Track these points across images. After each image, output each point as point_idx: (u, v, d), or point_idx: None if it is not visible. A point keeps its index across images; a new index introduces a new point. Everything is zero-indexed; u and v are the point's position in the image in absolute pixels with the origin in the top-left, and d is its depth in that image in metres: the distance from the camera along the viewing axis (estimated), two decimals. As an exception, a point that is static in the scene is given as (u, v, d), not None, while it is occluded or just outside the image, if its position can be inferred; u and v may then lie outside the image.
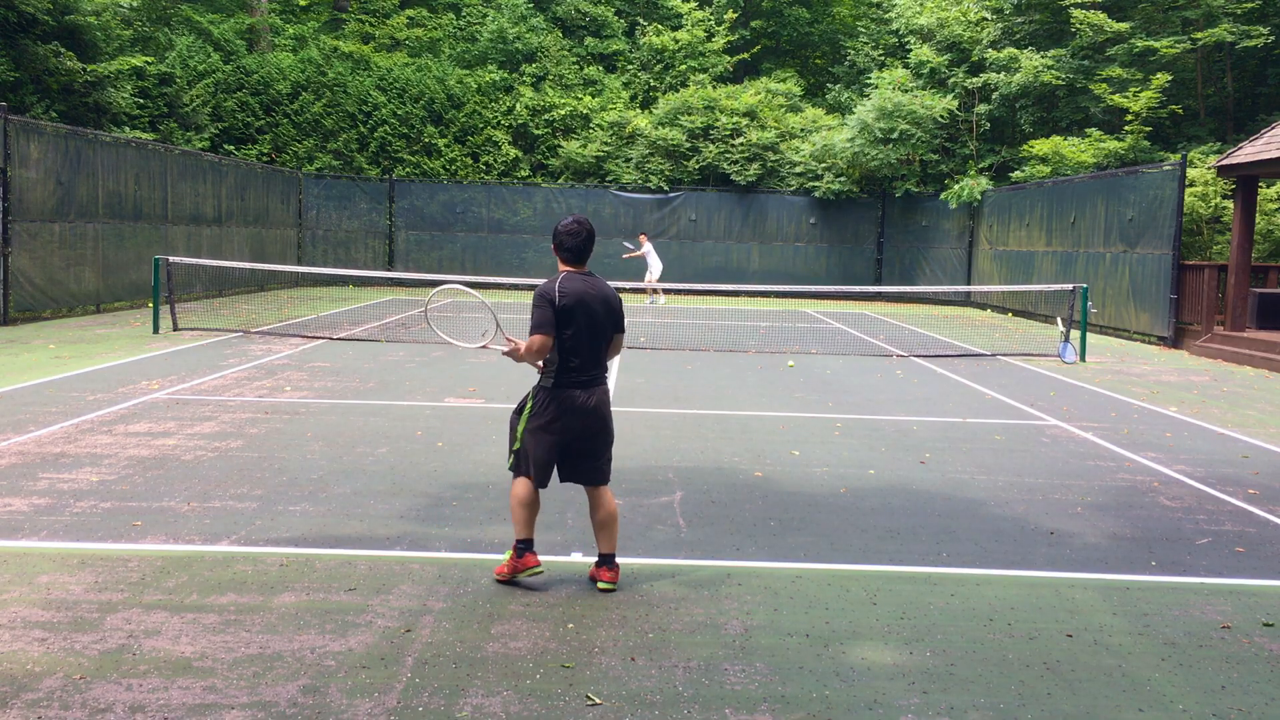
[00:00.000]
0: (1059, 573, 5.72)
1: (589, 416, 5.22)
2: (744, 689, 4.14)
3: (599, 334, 5.22)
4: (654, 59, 32.77)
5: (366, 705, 3.90)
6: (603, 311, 5.22)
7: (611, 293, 5.33)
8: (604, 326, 5.23)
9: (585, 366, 5.21)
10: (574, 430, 5.22)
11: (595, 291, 5.23)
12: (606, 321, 5.24)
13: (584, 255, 5.32)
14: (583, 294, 5.18)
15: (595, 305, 5.20)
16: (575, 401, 5.19)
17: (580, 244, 5.29)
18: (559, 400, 5.20)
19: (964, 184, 27.27)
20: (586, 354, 5.20)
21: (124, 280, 19.60)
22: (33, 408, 9.50)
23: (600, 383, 5.29)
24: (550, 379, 5.23)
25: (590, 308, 5.18)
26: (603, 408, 5.29)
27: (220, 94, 28.97)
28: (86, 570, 5.28)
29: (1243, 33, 23.36)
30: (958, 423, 10.16)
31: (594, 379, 5.25)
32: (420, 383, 11.68)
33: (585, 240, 5.29)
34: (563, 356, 5.19)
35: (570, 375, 5.20)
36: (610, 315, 5.27)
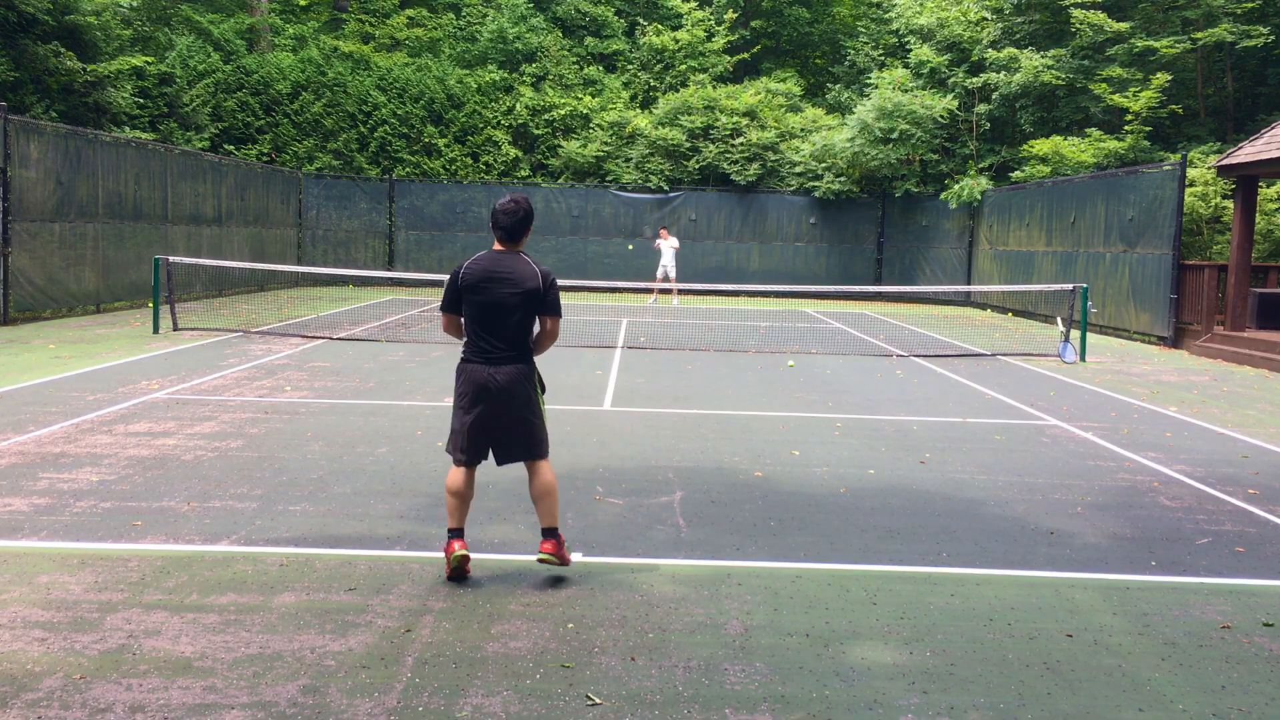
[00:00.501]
0: (1059, 573, 5.72)
1: (495, 394, 5.23)
2: (744, 689, 4.14)
3: (504, 311, 5.21)
4: (654, 59, 32.77)
5: (366, 705, 3.90)
6: (510, 293, 5.20)
7: (530, 273, 5.23)
8: (509, 305, 5.20)
9: (491, 343, 5.24)
10: (484, 407, 5.26)
11: (504, 269, 5.23)
12: (514, 300, 5.20)
13: (515, 234, 5.32)
14: (488, 270, 5.24)
15: (501, 283, 5.21)
16: (479, 377, 5.25)
17: (513, 223, 5.30)
18: (465, 374, 5.32)
19: (964, 184, 27.27)
20: (490, 330, 5.24)
21: (124, 280, 19.59)
22: (33, 408, 9.50)
23: (509, 361, 5.23)
24: (462, 353, 5.36)
25: (494, 285, 5.21)
26: (512, 385, 5.23)
27: (220, 94, 28.96)
28: (86, 570, 5.28)
29: (1243, 33, 23.37)
30: (958, 423, 10.16)
31: (500, 356, 5.23)
32: (420, 383, 11.68)
33: (520, 220, 5.30)
34: (468, 332, 5.32)
35: (474, 350, 5.30)
36: (521, 295, 5.20)
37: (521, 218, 5.31)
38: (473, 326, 5.29)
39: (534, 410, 5.34)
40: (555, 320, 5.37)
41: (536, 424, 5.36)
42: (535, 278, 5.25)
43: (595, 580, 5.35)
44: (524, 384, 5.28)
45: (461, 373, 5.33)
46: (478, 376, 5.26)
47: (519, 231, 5.33)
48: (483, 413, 5.27)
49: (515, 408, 5.28)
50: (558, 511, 5.37)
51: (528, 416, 5.32)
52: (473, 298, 5.25)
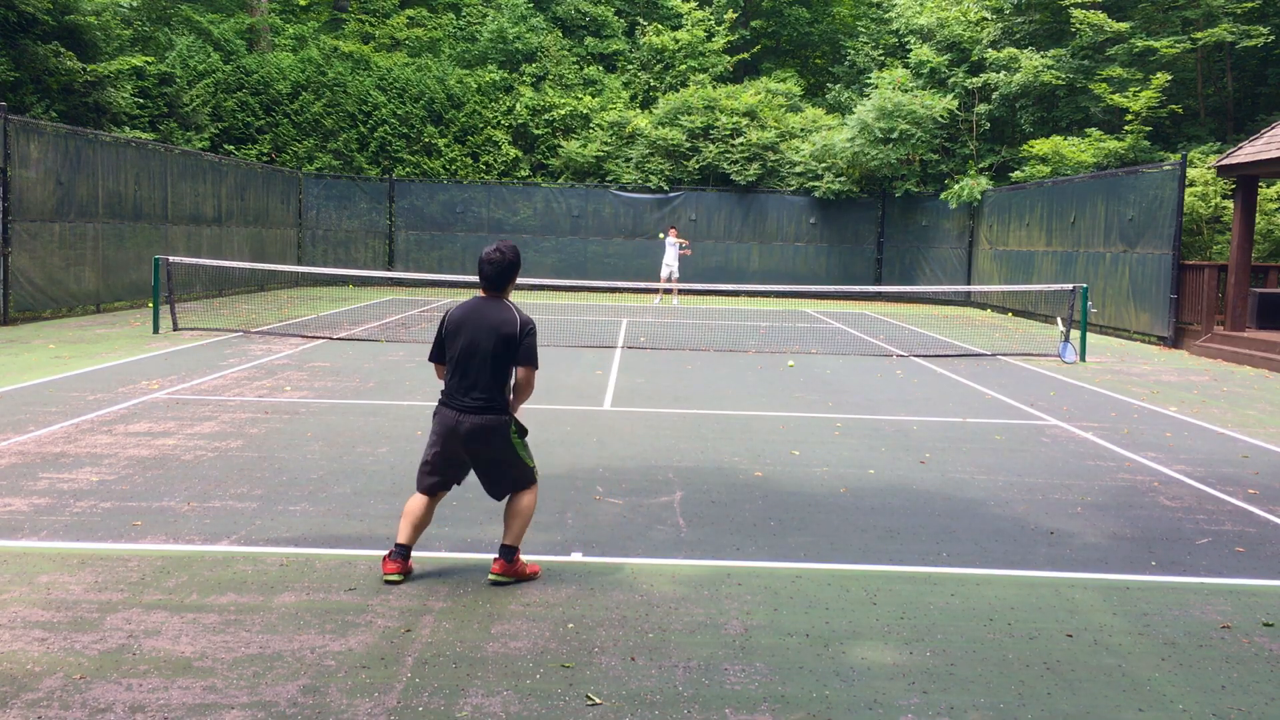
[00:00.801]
0: (1059, 573, 5.72)
1: (459, 441, 5.20)
2: (744, 689, 4.14)
3: (478, 360, 5.17)
4: (654, 59, 32.77)
5: (366, 705, 3.90)
6: (486, 339, 5.17)
7: (508, 321, 5.18)
8: (485, 354, 5.16)
9: (462, 389, 5.21)
10: (451, 450, 5.25)
11: (483, 318, 5.21)
12: (491, 349, 5.16)
13: (498, 283, 5.29)
14: (467, 319, 5.25)
15: (479, 332, 5.20)
16: (447, 422, 5.23)
17: (496, 272, 5.27)
18: (437, 415, 5.32)
19: (964, 184, 27.27)
20: (463, 378, 5.21)
21: (124, 280, 19.60)
22: (33, 408, 9.50)
23: (478, 411, 5.16)
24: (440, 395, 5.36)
25: (472, 334, 5.20)
26: (479, 435, 5.17)
27: (220, 94, 28.96)
28: (86, 570, 5.28)
29: (1243, 33, 23.36)
30: (958, 423, 10.16)
31: (470, 405, 5.18)
32: (420, 383, 11.67)
33: (503, 269, 5.27)
34: (447, 376, 5.32)
35: (447, 395, 5.28)
36: (498, 344, 5.16)
37: (505, 267, 5.27)
38: (450, 372, 5.28)
39: (509, 457, 5.27)
40: (529, 371, 5.26)
41: (514, 466, 5.30)
42: (513, 324, 5.19)
43: (595, 580, 5.35)
44: (496, 434, 5.21)
45: (435, 414, 5.34)
46: (446, 422, 5.23)
47: (502, 280, 5.29)
48: (453, 455, 5.27)
49: (487, 454, 5.25)
50: (522, 534, 5.32)
51: (498, 466, 5.29)
52: (453, 343, 5.26)
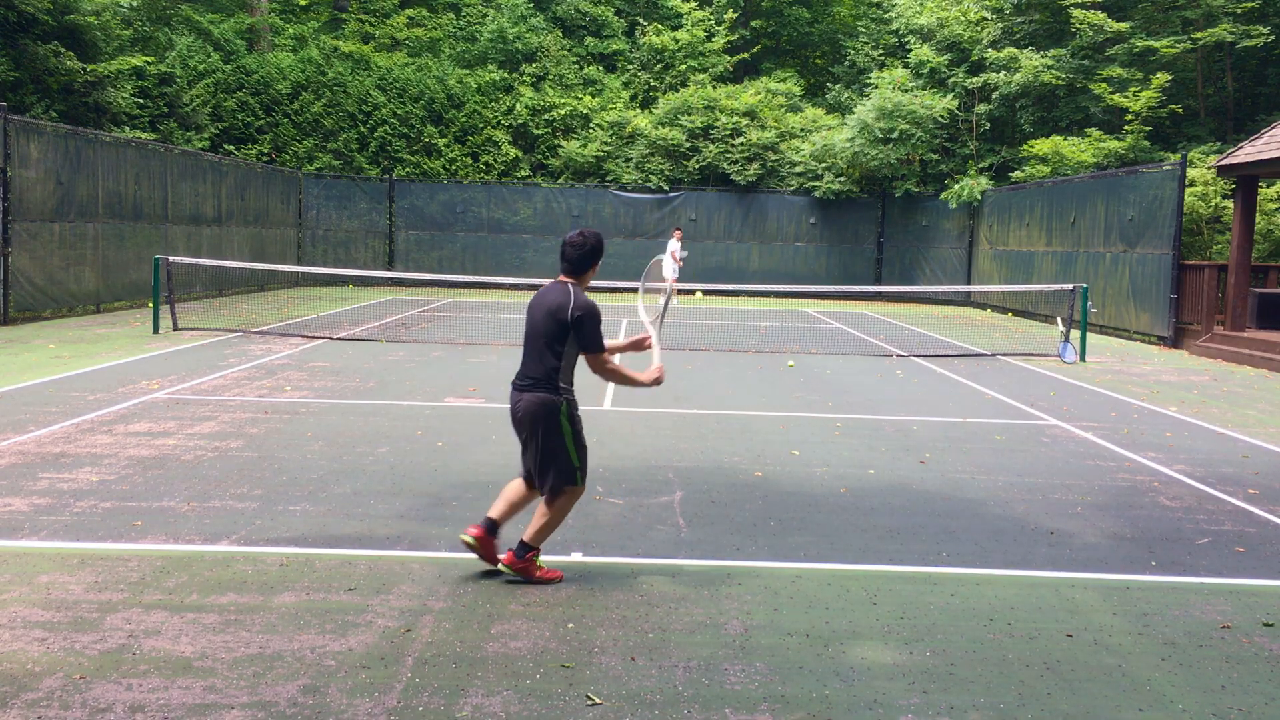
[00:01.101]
0: (1059, 573, 5.72)
1: (513, 418, 5.35)
2: (744, 689, 4.14)
3: (535, 340, 5.27)
4: (654, 59, 32.77)
5: (366, 705, 3.90)
6: (541, 319, 5.24)
7: (562, 305, 5.18)
8: (540, 334, 5.23)
9: (522, 370, 5.33)
10: (517, 429, 5.38)
11: (543, 300, 5.28)
12: (545, 329, 5.21)
13: (578, 268, 5.33)
14: (533, 301, 5.35)
15: (537, 313, 5.29)
16: (511, 402, 5.39)
17: (578, 255, 5.32)
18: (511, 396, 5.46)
19: (964, 184, 27.27)
20: (524, 357, 5.34)
21: (124, 280, 19.60)
22: (33, 408, 9.50)
23: (529, 389, 5.23)
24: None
25: (533, 315, 5.31)
26: (526, 415, 5.23)
27: (220, 94, 28.96)
28: (86, 570, 5.28)
29: (1243, 33, 23.36)
30: (958, 423, 10.16)
31: (526, 385, 5.27)
32: (420, 383, 11.68)
33: (585, 253, 5.31)
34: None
35: (516, 376, 5.39)
36: (551, 324, 5.19)
37: (586, 251, 5.32)
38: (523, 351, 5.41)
39: (556, 443, 5.23)
40: (592, 357, 5.27)
41: (559, 456, 5.23)
42: (565, 308, 5.17)
43: (595, 580, 5.35)
44: (546, 412, 5.22)
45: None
46: (511, 401, 5.39)
47: (580, 264, 5.33)
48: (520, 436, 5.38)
49: (531, 437, 5.28)
50: (544, 536, 5.30)
51: (539, 452, 5.26)
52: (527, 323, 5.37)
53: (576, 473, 5.29)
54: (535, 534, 5.28)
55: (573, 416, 5.31)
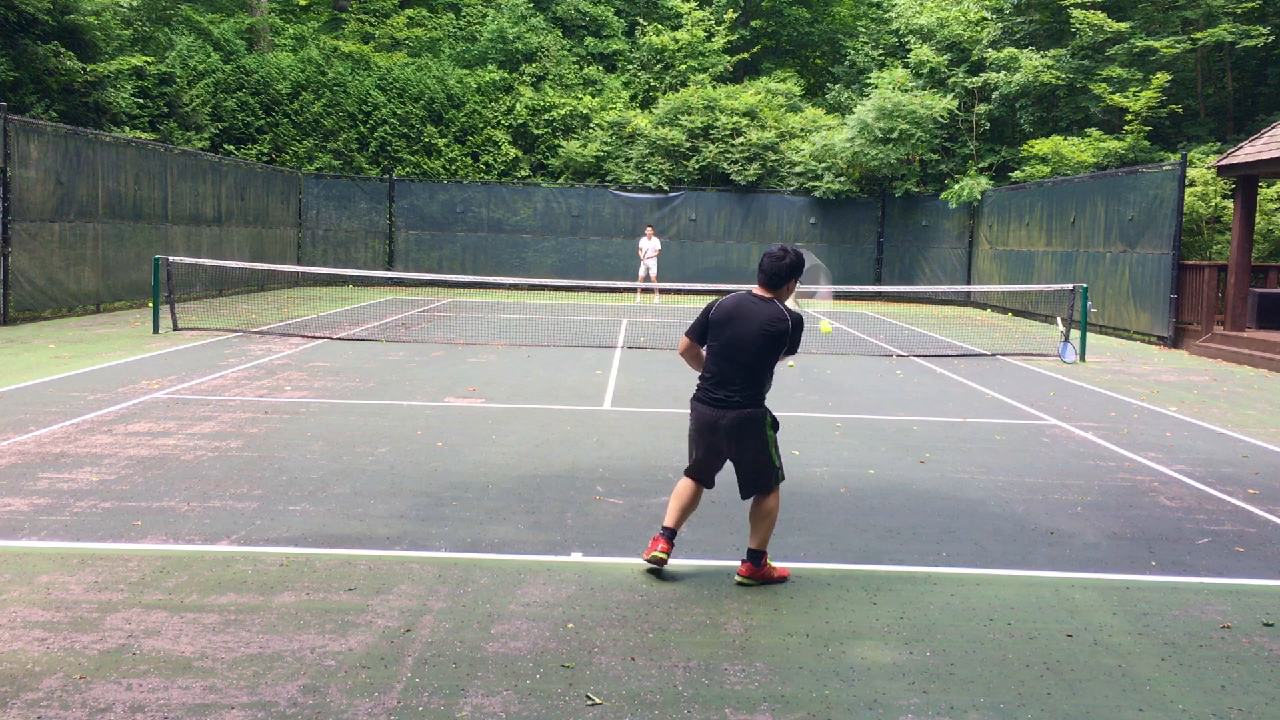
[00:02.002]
0: (1059, 573, 5.72)
1: (715, 435, 5.30)
2: (744, 689, 4.14)
3: (742, 356, 5.22)
4: (654, 59, 32.77)
5: (366, 705, 3.90)
6: (751, 335, 5.20)
7: (777, 319, 5.21)
8: (750, 350, 5.20)
9: (719, 384, 5.28)
10: (707, 443, 5.35)
11: (752, 313, 5.23)
12: (755, 346, 5.20)
13: (775, 281, 5.33)
14: (737, 310, 5.27)
15: (745, 327, 5.22)
16: (703, 417, 5.34)
17: (776, 268, 5.31)
18: (693, 410, 5.43)
19: (964, 184, 27.27)
20: (723, 372, 5.27)
21: (124, 280, 19.60)
22: (33, 408, 9.50)
23: (735, 406, 5.24)
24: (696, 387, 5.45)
25: (739, 328, 5.23)
26: (734, 431, 5.24)
27: (220, 94, 28.96)
28: (86, 570, 5.28)
29: (1243, 33, 23.36)
30: (958, 423, 10.16)
31: (726, 400, 5.25)
32: (420, 383, 11.68)
33: (786, 267, 5.31)
34: (708, 368, 5.38)
35: (703, 390, 5.37)
36: (761, 341, 5.19)
37: (787, 265, 5.31)
38: (710, 362, 5.35)
39: (763, 453, 5.32)
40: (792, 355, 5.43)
41: (766, 463, 5.33)
42: (782, 325, 5.22)
43: (595, 580, 5.35)
44: (754, 426, 5.28)
45: (692, 409, 5.44)
46: (701, 417, 5.35)
47: (777, 278, 5.33)
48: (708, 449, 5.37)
49: (741, 453, 5.31)
50: (768, 537, 5.36)
51: (752, 463, 5.32)
52: (719, 335, 5.30)
53: (779, 472, 5.41)
54: (763, 539, 5.34)
55: (774, 424, 5.39)
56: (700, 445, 5.41)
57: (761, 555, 5.33)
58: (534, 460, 7.98)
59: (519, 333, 17.46)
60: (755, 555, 5.33)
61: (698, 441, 5.41)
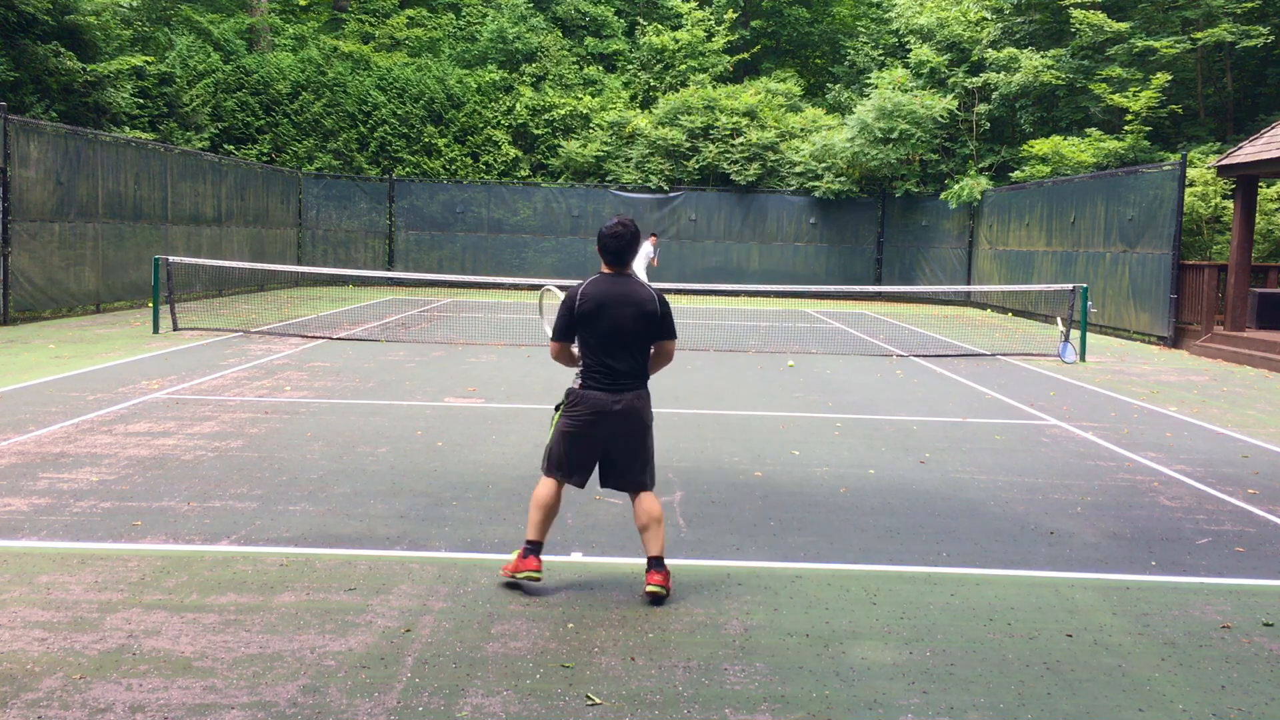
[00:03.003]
0: (1059, 573, 5.72)
1: (613, 420, 5.14)
2: (744, 689, 4.14)
3: (625, 337, 5.14)
4: (654, 59, 32.77)
5: (366, 705, 3.90)
6: (630, 315, 5.13)
7: (647, 296, 5.18)
8: (631, 330, 5.14)
9: (611, 370, 5.16)
10: (601, 435, 5.18)
11: (622, 293, 5.15)
12: (636, 325, 5.14)
13: (624, 258, 5.25)
14: (606, 298, 5.14)
15: (620, 308, 5.14)
16: (598, 404, 5.14)
17: (622, 246, 5.22)
18: (584, 401, 5.18)
19: (964, 184, 27.27)
20: (612, 357, 5.15)
21: (124, 280, 19.60)
22: (33, 408, 9.50)
23: (629, 389, 5.17)
24: (578, 380, 5.25)
25: (614, 310, 5.13)
26: (632, 414, 5.16)
27: (220, 94, 28.96)
28: (86, 570, 5.28)
29: (1243, 33, 23.36)
30: (958, 423, 10.16)
31: (621, 384, 5.16)
32: (420, 383, 11.68)
33: (628, 242, 5.23)
34: (587, 358, 5.22)
35: (594, 378, 5.18)
36: (641, 319, 5.15)
37: (628, 240, 5.23)
38: (591, 351, 5.20)
39: (647, 436, 5.27)
40: (672, 342, 5.32)
41: (646, 449, 5.28)
42: (654, 301, 5.20)
43: (595, 580, 5.35)
44: (641, 413, 5.21)
45: (581, 400, 5.17)
46: (597, 405, 5.14)
47: (626, 254, 5.25)
48: (599, 441, 5.20)
49: (633, 437, 5.22)
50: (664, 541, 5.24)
51: (641, 448, 5.25)
52: (594, 324, 5.16)
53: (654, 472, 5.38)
54: (661, 544, 5.17)
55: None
56: (584, 438, 5.18)
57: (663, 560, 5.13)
58: (534, 460, 7.97)
59: (519, 333, 17.46)
60: (660, 561, 5.12)
61: (583, 433, 5.17)
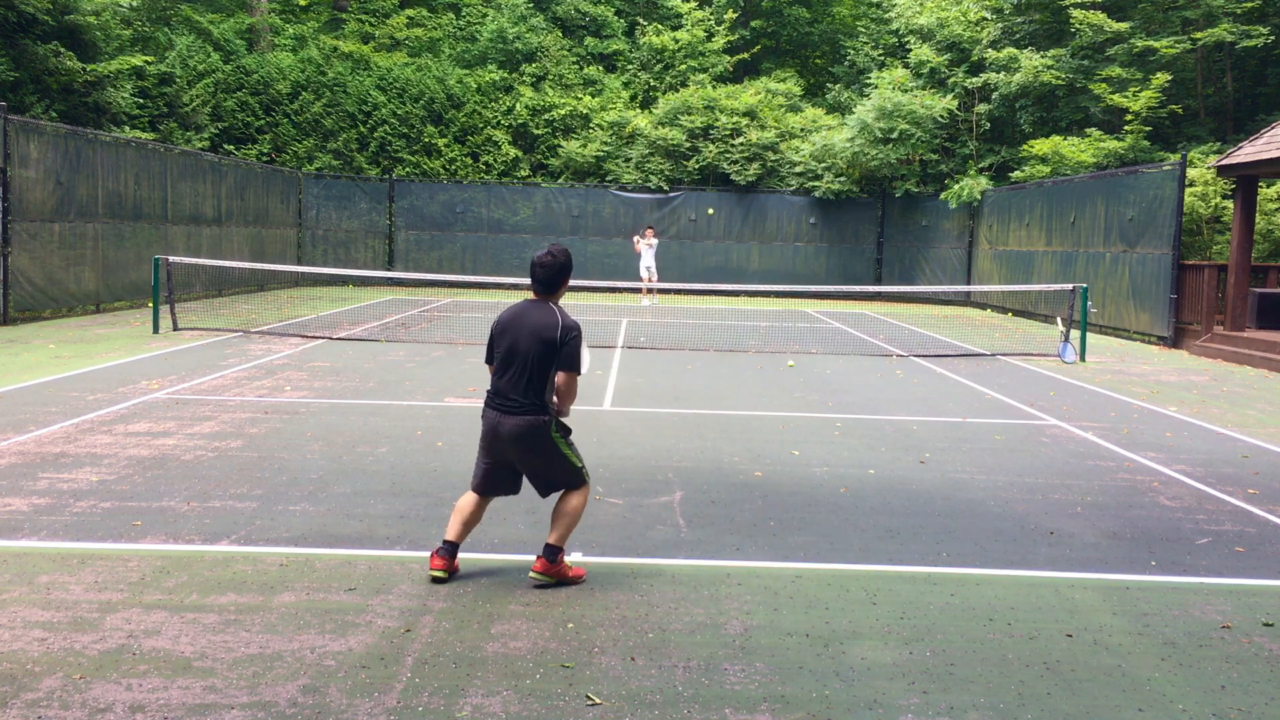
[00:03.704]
0: (1059, 573, 5.72)
1: (503, 443, 5.22)
2: (744, 689, 4.14)
3: (520, 363, 5.18)
4: (654, 59, 32.77)
5: (366, 705, 3.90)
6: (526, 343, 5.17)
7: (550, 325, 5.16)
8: (526, 356, 5.16)
9: (504, 391, 5.23)
10: (497, 451, 5.27)
11: (526, 322, 5.21)
12: (532, 352, 5.15)
13: (551, 287, 5.30)
14: (511, 322, 5.26)
15: (520, 334, 5.20)
16: (490, 423, 5.27)
17: (549, 275, 5.29)
18: (483, 417, 5.36)
19: (964, 184, 27.27)
20: (505, 380, 5.23)
21: (124, 280, 19.60)
22: (33, 408, 9.50)
23: (521, 412, 5.16)
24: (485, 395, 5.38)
25: (515, 336, 5.21)
26: (522, 438, 5.16)
27: (220, 94, 28.96)
28: (86, 570, 5.28)
29: (1243, 33, 23.36)
30: (958, 423, 10.16)
31: (512, 406, 5.18)
32: (420, 383, 11.68)
33: (555, 272, 5.29)
34: (493, 377, 5.35)
35: (492, 397, 5.30)
36: (537, 347, 5.15)
37: (555, 270, 5.27)
38: (495, 373, 5.31)
39: (552, 457, 5.25)
40: (568, 376, 5.23)
41: (560, 467, 5.27)
42: (554, 329, 5.16)
43: (595, 580, 5.35)
44: (536, 434, 5.19)
45: (483, 416, 5.36)
46: (490, 423, 5.28)
47: (552, 284, 5.30)
48: (499, 456, 5.28)
49: (529, 459, 5.24)
50: (568, 536, 5.29)
51: (542, 467, 5.27)
52: (498, 345, 5.28)
53: (581, 472, 5.35)
54: (560, 535, 5.24)
55: (561, 428, 5.32)
56: (486, 454, 5.31)
57: (557, 552, 5.19)
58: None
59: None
60: (551, 551, 5.18)
61: (483, 449, 5.32)
